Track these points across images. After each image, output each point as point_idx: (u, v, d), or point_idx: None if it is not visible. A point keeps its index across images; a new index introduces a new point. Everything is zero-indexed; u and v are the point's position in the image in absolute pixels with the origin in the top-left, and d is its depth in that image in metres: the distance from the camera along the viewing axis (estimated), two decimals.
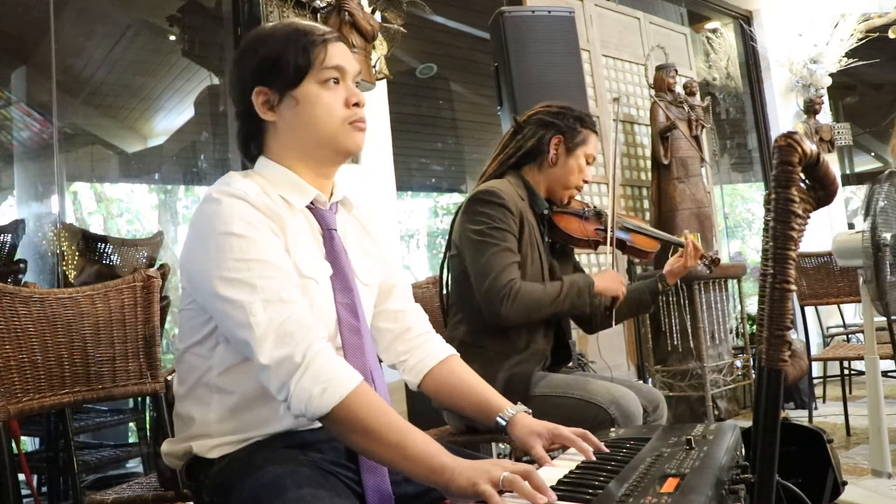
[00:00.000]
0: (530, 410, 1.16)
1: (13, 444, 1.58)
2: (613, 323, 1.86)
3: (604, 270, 1.81)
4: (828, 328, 4.57)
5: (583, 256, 3.58)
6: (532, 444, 1.06)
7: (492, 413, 1.15)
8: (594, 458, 0.97)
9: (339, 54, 1.07)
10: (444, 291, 1.85)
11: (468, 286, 1.70)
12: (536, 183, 1.79)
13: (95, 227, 4.95)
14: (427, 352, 1.21)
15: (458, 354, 1.25)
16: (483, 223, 1.65)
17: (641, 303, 1.90)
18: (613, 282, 1.77)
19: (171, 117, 4.39)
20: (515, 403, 1.17)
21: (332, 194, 1.13)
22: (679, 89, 3.93)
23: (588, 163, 1.80)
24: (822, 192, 0.79)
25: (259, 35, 1.09)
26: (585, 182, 1.82)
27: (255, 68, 1.06)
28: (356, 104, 1.07)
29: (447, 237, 1.82)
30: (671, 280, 1.89)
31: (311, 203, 1.09)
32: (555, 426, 1.08)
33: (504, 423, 1.13)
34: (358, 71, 1.12)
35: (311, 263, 1.03)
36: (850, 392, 3.72)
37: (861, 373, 3.53)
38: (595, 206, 1.90)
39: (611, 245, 1.84)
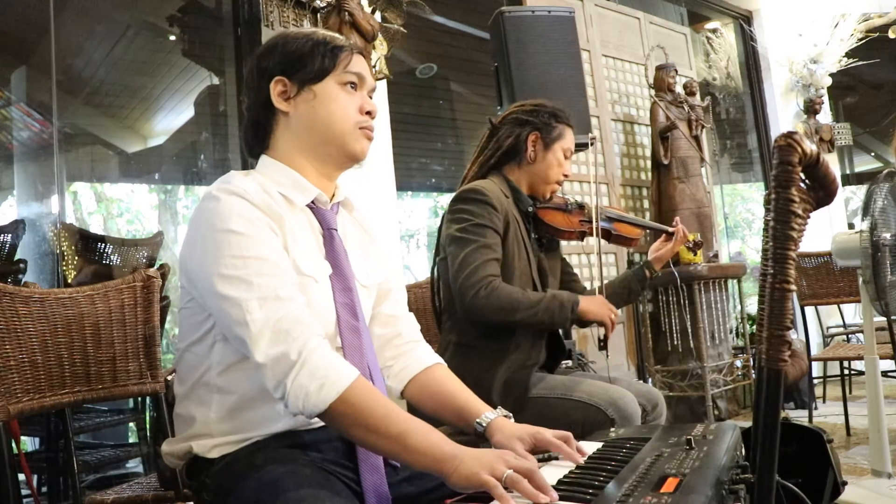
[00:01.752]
0: (511, 415, 1.12)
1: (13, 444, 1.58)
2: (607, 354, 1.80)
3: (595, 297, 1.74)
4: (828, 328, 4.57)
5: (573, 257, 3.58)
6: (513, 448, 1.02)
7: (471, 418, 1.12)
8: (580, 462, 0.96)
9: (361, 64, 1.12)
10: (437, 296, 1.84)
11: None
12: (518, 181, 1.81)
13: (95, 227, 4.95)
14: (413, 359, 1.20)
15: (446, 364, 1.23)
16: (465, 220, 1.66)
17: (631, 290, 1.91)
18: (601, 307, 1.70)
19: (171, 117, 4.38)
20: (513, 405, 1.17)
21: (333, 196, 1.14)
22: (679, 89, 3.93)
23: (566, 157, 1.82)
24: (822, 192, 0.79)
25: (285, 36, 1.13)
26: (565, 176, 1.83)
27: (279, 61, 1.09)
28: (368, 113, 1.11)
29: (436, 241, 1.83)
30: (658, 266, 1.90)
31: (313, 202, 1.09)
32: (537, 430, 1.05)
33: (482, 428, 1.10)
34: (374, 87, 1.15)
35: (309, 261, 1.04)
36: (850, 392, 3.72)
37: (861, 373, 3.53)
38: (576, 199, 1.92)
39: (596, 235, 1.86)
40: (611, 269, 3.66)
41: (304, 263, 1.03)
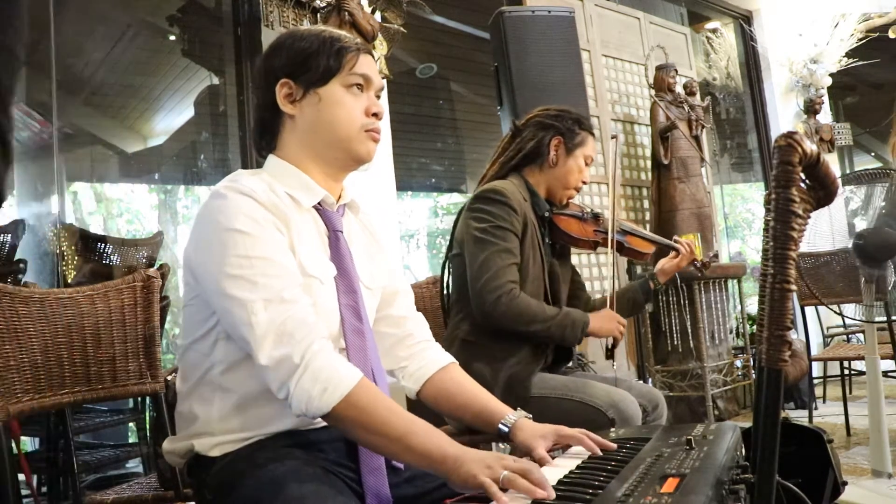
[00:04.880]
0: (531, 416, 1.15)
1: (13, 444, 1.58)
2: (614, 364, 1.82)
3: (603, 311, 1.77)
4: (828, 328, 4.57)
5: (582, 257, 3.58)
6: (535, 445, 1.05)
7: (493, 420, 1.14)
8: (600, 454, 0.97)
9: (368, 65, 1.11)
10: (445, 292, 1.85)
11: None
12: (537, 184, 1.81)
13: (95, 227, 4.95)
14: (427, 359, 1.20)
15: (458, 362, 1.24)
16: (487, 221, 1.66)
17: (635, 302, 1.95)
18: (609, 322, 1.73)
19: (171, 117, 4.38)
20: (514, 404, 1.17)
21: (339, 198, 1.14)
22: (679, 89, 3.93)
23: (586, 164, 1.83)
24: (822, 192, 0.79)
25: (293, 34, 1.12)
26: (584, 183, 1.84)
27: (284, 62, 1.08)
28: (375, 115, 1.10)
29: (450, 237, 1.84)
30: (662, 279, 1.94)
31: (319, 204, 1.09)
32: (558, 427, 1.07)
33: (506, 429, 1.12)
34: (381, 87, 1.15)
35: (315, 262, 1.04)
36: (850, 392, 3.72)
37: (861, 373, 3.53)
38: (592, 209, 1.93)
39: (611, 247, 1.86)
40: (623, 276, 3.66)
41: (310, 264, 1.03)
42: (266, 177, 1.05)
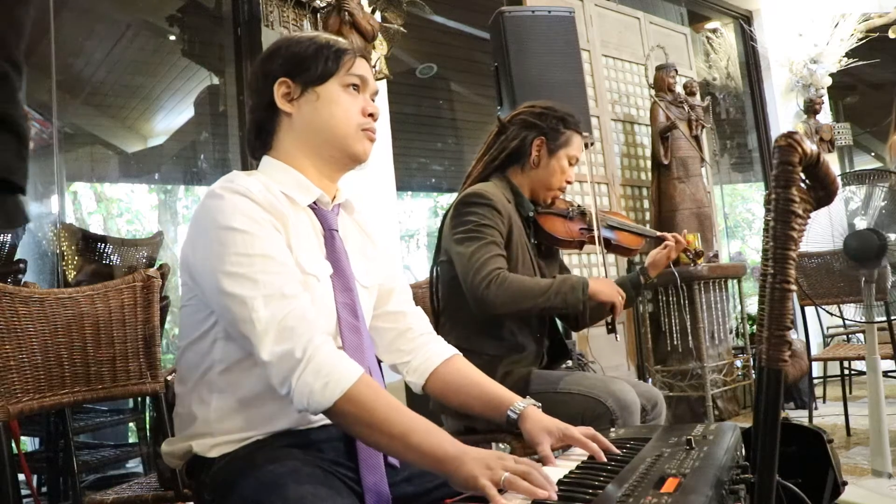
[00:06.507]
0: (540, 405, 1.15)
1: (13, 444, 1.58)
2: (617, 337, 1.81)
3: (600, 278, 1.75)
4: (828, 328, 4.56)
5: (573, 257, 3.58)
6: (540, 440, 1.05)
7: (502, 407, 1.14)
8: (605, 459, 0.96)
9: (364, 67, 1.14)
10: (436, 297, 1.83)
11: (459, 291, 1.69)
12: (521, 184, 1.80)
13: (95, 227, 4.95)
14: (431, 352, 1.21)
15: (461, 354, 1.24)
16: (471, 221, 1.66)
17: (626, 297, 1.88)
18: (610, 287, 1.71)
19: (171, 117, 4.39)
20: None
21: (334, 198, 1.14)
22: (679, 89, 3.93)
23: (571, 164, 1.80)
24: (822, 192, 0.79)
25: (290, 40, 1.14)
26: (569, 183, 1.82)
27: (282, 63, 1.10)
28: (371, 115, 1.12)
29: (437, 243, 1.82)
30: (653, 272, 1.87)
31: (315, 203, 1.10)
32: (566, 426, 1.07)
33: (515, 416, 1.12)
34: (376, 90, 1.17)
35: (312, 261, 1.04)
36: (851, 392, 3.72)
37: (861, 373, 3.53)
38: (579, 205, 1.89)
39: (599, 244, 1.85)
40: (611, 270, 3.66)
41: (307, 262, 1.03)
42: (261, 177, 1.06)
